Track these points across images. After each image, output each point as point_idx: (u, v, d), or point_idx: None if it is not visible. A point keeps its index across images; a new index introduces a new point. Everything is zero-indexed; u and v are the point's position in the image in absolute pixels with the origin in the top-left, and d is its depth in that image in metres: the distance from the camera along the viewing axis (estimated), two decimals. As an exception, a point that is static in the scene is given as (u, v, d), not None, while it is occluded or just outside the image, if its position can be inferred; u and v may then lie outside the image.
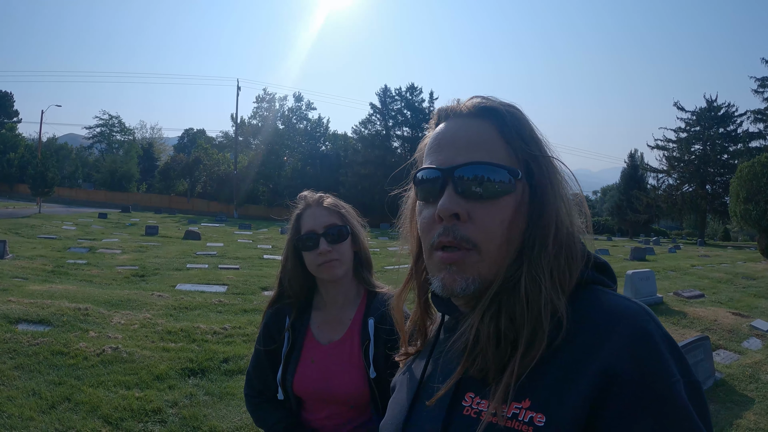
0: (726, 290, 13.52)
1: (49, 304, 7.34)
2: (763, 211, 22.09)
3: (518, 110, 0.92)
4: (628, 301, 0.80)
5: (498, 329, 0.80)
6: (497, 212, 0.84)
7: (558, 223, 0.85)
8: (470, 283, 0.85)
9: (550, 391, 0.74)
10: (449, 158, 0.88)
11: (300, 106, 67.60)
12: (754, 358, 7.19)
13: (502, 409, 0.75)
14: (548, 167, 0.89)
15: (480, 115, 0.90)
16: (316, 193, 1.94)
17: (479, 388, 0.82)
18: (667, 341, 0.75)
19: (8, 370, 5.16)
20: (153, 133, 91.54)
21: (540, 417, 0.73)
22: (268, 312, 1.99)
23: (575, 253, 0.86)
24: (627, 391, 0.70)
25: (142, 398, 4.84)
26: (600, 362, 0.72)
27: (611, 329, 0.75)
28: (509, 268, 0.84)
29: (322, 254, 1.79)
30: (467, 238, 0.84)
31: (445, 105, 0.96)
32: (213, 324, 7.35)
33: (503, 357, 0.79)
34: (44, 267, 12.10)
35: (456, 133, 0.90)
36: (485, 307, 0.84)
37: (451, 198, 0.85)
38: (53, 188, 36.73)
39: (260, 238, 25.02)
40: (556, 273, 0.82)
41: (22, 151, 64.80)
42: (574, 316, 0.79)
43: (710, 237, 60.17)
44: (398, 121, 56.16)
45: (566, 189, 0.91)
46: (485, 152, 0.86)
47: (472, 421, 0.80)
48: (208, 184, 61.73)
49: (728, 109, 54.60)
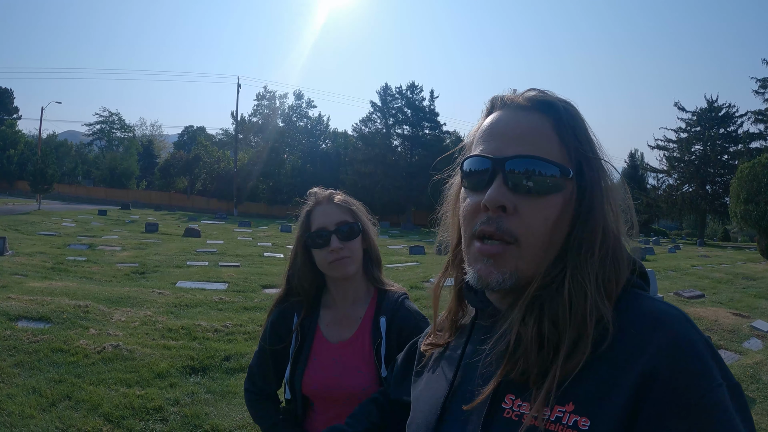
0: (726, 290, 13.52)
1: (49, 301, 7.33)
2: (763, 211, 22.04)
3: (575, 107, 0.90)
4: (667, 305, 0.80)
5: (541, 332, 0.79)
6: (544, 209, 0.83)
7: (605, 228, 0.84)
8: (507, 278, 0.84)
9: (594, 395, 0.73)
10: (501, 148, 0.86)
11: (300, 104, 67.55)
12: (755, 358, 7.18)
13: (545, 412, 0.75)
14: (600, 170, 0.87)
15: (536, 109, 0.88)
16: (326, 190, 1.91)
17: (520, 391, 0.81)
18: (708, 346, 0.75)
19: (8, 368, 5.15)
20: (153, 131, 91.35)
21: (584, 420, 0.72)
22: (275, 310, 1.96)
23: (622, 260, 0.85)
24: (669, 392, 0.69)
25: (143, 396, 4.83)
26: (642, 365, 0.72)
27: (653, 333, 0.75)
28: (551, 268, 0.83)
29: (334, 251, 1.76)
30: (510, 231, 0.83)
31: (500, 94, 0.94)
32: (214, 321, 7.34)
33: (545, 361, 0.78)
34: (44, 264, 12.10)
35: (509, 124, 0.88)
36: (525, 307, 0.82)
37: (499, 189, 0.83)
38: (53, 185, 36.64)
39: (260, 236, 25.02)
40: (602, 279, 0.81)
41: (22, 148, 64.65)
42: (616, 319, 0.78)
43: (710, 237, 60.14)
44: (399, 120, 56.03)
45: (616, 194, 0.89)
46: (538, 147, 0.84)
47: (514, 423, 0.78)
48: (208, 181, 61.65)
49: (729, 109, 54.56)
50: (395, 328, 1.77)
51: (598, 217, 0.84)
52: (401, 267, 15.21)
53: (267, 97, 69.53)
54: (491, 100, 0.94)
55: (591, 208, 0.84)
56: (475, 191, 0.88)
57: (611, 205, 0.86)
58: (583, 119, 0.90)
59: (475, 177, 0.88)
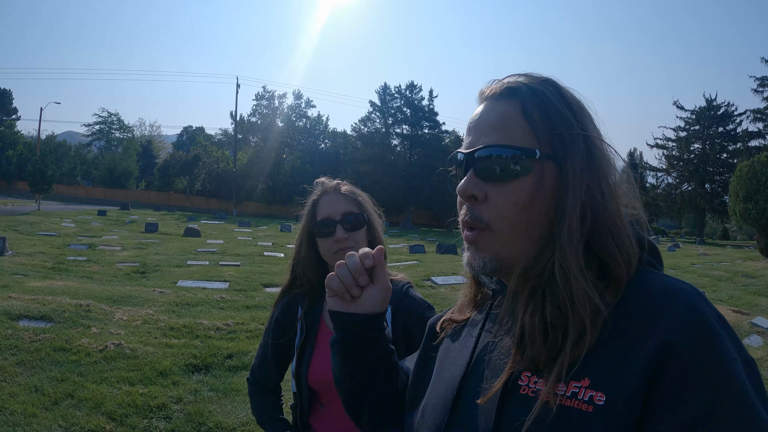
0: (726, 288, 13.56)
1: (50, 300, 7.32)
2: (762, 210, 22.08)
3: (551, 86, 0.90)
4: (678, 281, 0.80)
5: (544, 320, 0.80)
6: (511, 193, 0.84)
7: (592, 205, 0.83)
8: (487, 261, 0.87)
9: (609, 370, 0.74)
10: (474, 141, 0.90)
11: (299, 104, 67.57)
12: (756, 354, 7.20)
13: (561, 387, 0.75)
14: (577, 144, 0.85)
15: (505, 96, 0.89)
16: (333, 180, 1.91)
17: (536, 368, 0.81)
18: (721, 320, 0.75)
19: (10, 367, 5.14)
20: (152, 131, 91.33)
21: (600, 395, 0.73)
22: (279, 303, 1.96)
23: (623, 236, 0.83)
24: (683, 365, 0.70)
25: (146, 394, 4.83)
26: (656, 338, 0.72)
27: (666, 307, 0.75)
28: (542, 252, 0.83)
29: (339, 241, 1.75)
30: (480, 218, 0.86)
31: (482, 87, 0.96)
32: (216, 320, 7.34)
33: (553, 348, 0.78)
34: (44, 264, 12.10)
35: (481, 116, 0.91)
36: (527, 297, 0.84)
37: (469, 180, 0.87)
38: (52, 185, 36.65)
39: (260, 236, 25.04)
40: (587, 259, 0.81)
41: (21, 149, 64.69)
42: (628, 297, 0.79)
43: (709, 236, 60.25)
44: (398, 119, 56.11)
45: (606, 166, 0.87)
46: (503, 134, 0.86)
47: (530, 399, 0.79)
48: (207, 181, 61.67)
49: (728, 108, 54.68)
50: (400, 317, 1.77)
51: (578, 194, 0.83)
52: (402, 266, 15.21)
53: (266, 97, 69.49)
54: (479, 94, 0.97)
55: (568, 186, 0.83)
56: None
57: (601, 179, 0.85)
58: (561, 96, 0.89)
59: (458, 170, 0.93)
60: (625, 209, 0.88)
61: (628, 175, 0.93)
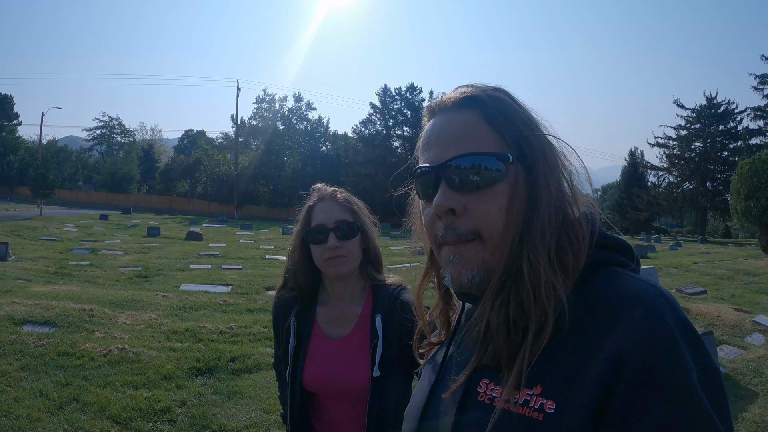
0: (728, 287, 13.54)
1: (53, 305, 7.34)
2: (763, 207, 22.04)
3: (503, 93, 0.91)
4: (644, 283, 0.78)
5: (507, 316, 0.80)
6: (493, 200, 0.83)
7: (557, 202, 0.84)
8: (475, 273, 0.85)
9: (561, 378, 0.73)
10: (439, 154, 0.88)
11: (300, 107, 67.55)
12: (758, 352, 7.20)
13: (515, 395, 0.75)
14: (541, 146, 0.87)
15: (464, 105, 0.89)
16: (330, 187, 1.92)
17: (494, 375, 0.82)
18: (683, 326, 0.72)
19: (14, 372, 5.17)
20: (153, 135, 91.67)
21: (550, 403, 0.72)
22: (273, 309, 2.02)
23: (577, 230, 0.84)
24: (636, 378, 0.68)
25: (151, 398, 4.85)
26: (610, 347, 0.71)
27: (623, 313, 0.73)
28: (512, 253, 0.83)
29: (330, 249, 1.77)
30: (467, 231, 0.84)
31: (431, 101, 0.96)
32: (219, 323, 7.36)
33: (514, 344, 0.79)
34: (47, 268, 12.11)
35: (443, 128, 0.90)
36: (494, 295, 0.83)
37: (444, 194, 0.85)
38: (54, 190, 36.72)
39: (262, 239, 25.02)
40: (555, 254, 0.81)
41: (23, 154, 64.86)
42: (586, 300, 0.77)
43: (711, 234, 60.16)
44: (398, 121, 56.11)
45: (564, 164, 0.89)
46: (472, 142, 0.85)
47: (486, 406, 0.79)
48: (208, 185, 61.78)
49: (728, 106, 54.62)
50: (395, 323, 1.77)
51: (546, 192, 0.84)
52: (404, 267, 15.20)
53: (266, 100, 69.54)
54: (426, 109, 0.97)
55: (537, 185, 0.84)
56: (428, 200, 0.90)
57: (562, 176, 0.87)
58: (515, 101, 0.90)
59: (423, 187, 0.90)
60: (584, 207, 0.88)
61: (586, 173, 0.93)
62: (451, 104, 0.90)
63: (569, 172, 0.89)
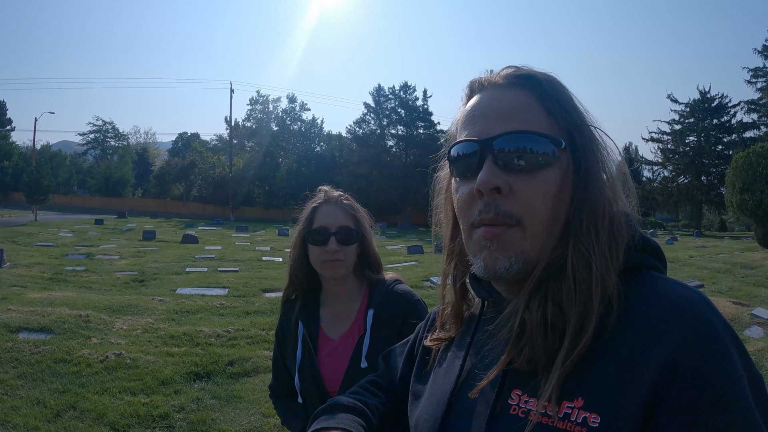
0: (725, 280, 13.57)
1: (49, 311, 7.30)
2: (759, 200, 22.11)
3: (556, 78, 0.87)
4: (685, 288, 0.74)
5: (545, 316, 0.75)
6: (541, 185, 0.79)
7: (606, 198, 0.80)
8: (513, 262, 0.79)
9: (605, 389, 0.68)
10: (486, 129, 0.82)
11: (294, 108, 67.62)
12: (757, 345, 7.20)
13: (552, 408, 0.70)
14: (592, 137, 0.83)
15: (517, 84, 0.84)
16: (336, 191, 1.96)
17: (526, 385, 0.76)
18: (730, 333, 0.69)
19: (11, 380, 5.13)
20: (147, 138, 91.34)
21: (594, 417, 0.68)
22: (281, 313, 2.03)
23: (620, 229, 0.80)
24: (688, 387, 0.65)
25: (149, 404, 4.82)
26: (659, 356, 0.67)
27: (671, 320, 0.69)
28: (555, 248, 0.79)
29: (329, 252, 1.81)
30: (510, 213, 0.78)
31: (477, 77, 0.90)
32: (216, 327, 7.33)
33: (552, 347, 0.74)
34: (42, 275, 12.05)
35: (491, 104, 0.84)
36: (531, 291, 0.78)
37: (490, 171, 0.79)
38: (48, 195, 36.59)
39: (258, 240, 25.00)
40: (606, 250, 0.76)
41: (17, 159, 64.66)
42: (628, 305, 0.73)
43: (707, 228, 60.33)
44: (392, 120, 56.09)
45: (610, 160, 0.85)
46: (525, 122, 0.80)
47: (521, 420, 0.74)
48: (203, 187, 61.66)
49: (722, 100, 54.83)
50: (390, 314, 1.82)
51: (598, 185, 0.80)
52: (400, 267, 15.21)
53: (260, 101, 69.57)
54: (469, 84, 0.91)
55: (589, 177, 0.80)
56: (466, 179, 0.84)
57: (607, 173, 0.83)
58: (567, 89, 0.86)
59: (463, 163, 0.84)
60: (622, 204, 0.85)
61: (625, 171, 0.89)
62: (502, 81, 0.85)
63: (612, 169, 0.85)
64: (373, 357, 1.76)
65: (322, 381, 1.84)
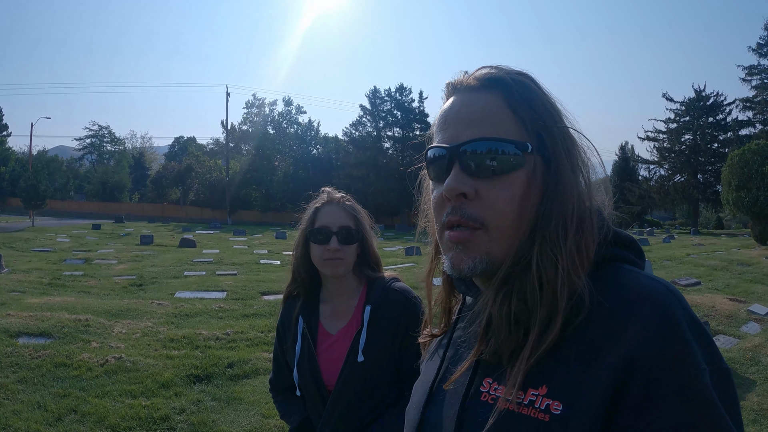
0: (722, 277, 13.62)
1: (48, 316, 7.31)
2: (755, 198, 22.21)
3: (529, 78, 0.87)
4: (652, 280, 0.76)
5: (509, 311, 0.77)
6: (506, 189, 0.80)
7: (576, 198, 0.81)
8: (478, 263, 0.81)
9: (568, 378, 0.71)
10: (455, 135, 0.84)
11: (290, 110, 67.58)
12: (754, 341, 7.24)
13: (519, 395, 0.73)
14: (563, 138, 0.84)
15: (486, 87, 0.85)
16: (338, 192, 2.02)
17: (495, 372, 0.80)
18: (694, 325, 0.70)
19: (12, 384, 5.14)
20: (143, 142, 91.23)
21: (557, 404, 0.70)
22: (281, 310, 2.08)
23: (591, 226, 0.81)
24: (648, 379, 0.66)
25: (149, 406, 4.84)
26: (620, 347, 0.69)
27: (633, 311, 0.71)
28: (522, 246, 0.80)
29: (330, 251, 1.87)
30: (474, 216, 0.80)
31: (452, 79, 0.92)
32: (215, 330, 7.35)
33: (516, 340, 0.77)
34: (41, 280, 12.03)
35: (462, 108, 0.85)
36: (497, 287, 0.80)
37: (457, 177, 0.81)
38: (45, 201, 36.45)
39: (256, 244, 24.97)
40: (575, 250, 0.78)
41: (13, 165, 64.58)
42: (595, 297, 0.74)
43: (703, 226, 60.38)
44: (389, 122, 56.13)
45: (585, 160, 0.86)
46: (491, 126, 0.82)
47: (489, 407, 0.77)
48: (200, 191, 61.56)
49: (717, 98, 54.88)
50: (387, 310, 1.89)
51: (568, 186, 0.81)
52: (398, 268, 15.23)
53: (256, 104, 69.51)
54: (446, 86, 0.92)
55: (559, 178, 0.81)
56: (439, 181, 0.86)
57: (581, 172, 0.84)
58: (540, 89, 0.87)
59: (436, 167, 0.86)
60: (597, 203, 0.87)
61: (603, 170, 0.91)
62: (474, 83, 0.87)
63: (587, 168, 0.86)
64: (370, 352, 1.83)
65: (320, 375, 1.89)
